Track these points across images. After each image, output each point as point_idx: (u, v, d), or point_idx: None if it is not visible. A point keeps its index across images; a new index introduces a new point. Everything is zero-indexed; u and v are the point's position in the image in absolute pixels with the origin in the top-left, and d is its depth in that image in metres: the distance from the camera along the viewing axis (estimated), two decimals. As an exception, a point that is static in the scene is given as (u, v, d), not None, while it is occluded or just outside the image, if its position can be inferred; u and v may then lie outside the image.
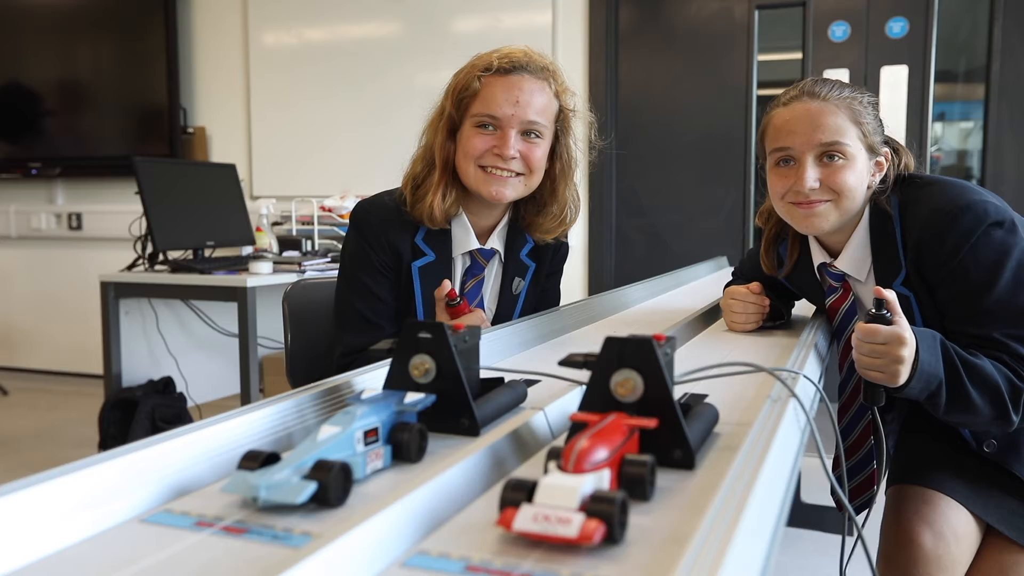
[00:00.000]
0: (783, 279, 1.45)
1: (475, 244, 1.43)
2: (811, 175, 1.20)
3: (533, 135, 1.36)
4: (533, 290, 1.53)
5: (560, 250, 1.58)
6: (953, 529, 1.20)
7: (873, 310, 1.04)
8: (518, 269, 1.49)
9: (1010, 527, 1.21)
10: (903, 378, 1.05)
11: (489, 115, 1.33)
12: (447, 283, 1.32)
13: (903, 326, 1.04)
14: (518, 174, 1.36)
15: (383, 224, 1.39)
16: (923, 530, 1.19)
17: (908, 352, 1.04)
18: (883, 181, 1.27)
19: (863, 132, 1.22)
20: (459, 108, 1.36)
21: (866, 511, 1.40)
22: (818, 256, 1.35)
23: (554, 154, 1.42)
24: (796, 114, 1.23)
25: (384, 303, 1.40)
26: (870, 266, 1.29)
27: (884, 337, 1.03)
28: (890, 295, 1.05)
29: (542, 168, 1.40)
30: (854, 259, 1.29)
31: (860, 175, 1.22)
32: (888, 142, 1.29)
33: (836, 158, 1.21)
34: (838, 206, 1.23)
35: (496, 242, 1.46)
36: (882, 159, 1.26)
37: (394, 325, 1.40)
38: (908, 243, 1.22)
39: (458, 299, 1.33)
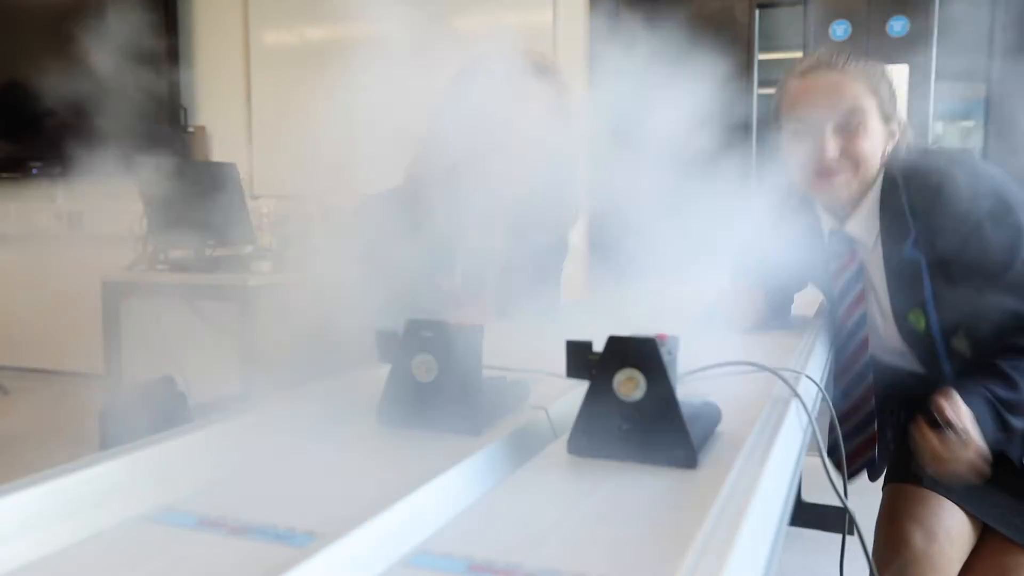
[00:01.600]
0: (788, 253, 1.45)
1: None
2: (831, 145, 1.22)
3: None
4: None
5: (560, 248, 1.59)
6: (946, 529, 1.20)
7: (936, 419, 1.09)
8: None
9: (1008, 526, 1.21)
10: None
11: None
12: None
13: (967, 431, 1.08)
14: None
15: (385, 216, 1.40)
16: (915, 530, 1.19)
17: (974, 452, 1.08)
18: (895, 150, 1.29)
19: (879, 101, 1.24)
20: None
21: (861, 475, 1.42)
22: (827, 222, 1.36)
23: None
24: (815, 84, 1.25)
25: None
26: (877, 232, 1.30)
27: (952, 449, 1.08)
28: (950, 407, 1.08)
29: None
30: (863, 225, 1.30)
31: (876, 143, 1.24)
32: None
33: (854, 127, 1.22)
34: (856, 174, 1.24)
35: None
36: (895, 128, 1.28)
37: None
38: (917, 209, 1.23)
39: None
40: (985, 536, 1.24)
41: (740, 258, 1.63)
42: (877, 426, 1.40)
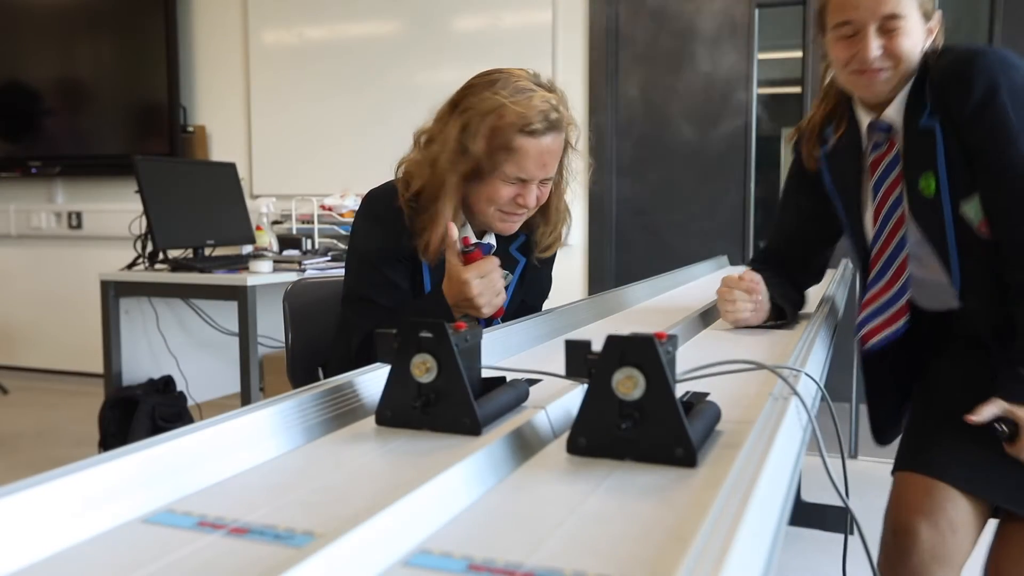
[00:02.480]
0: (824, 166, 1.47)
1: (472, 239, 1.44)
2: (874, 45, 1.27)
3: (546, 182, 1.41)
4: (521, 285, 1.55)
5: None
6: (950, 520, 1.21)
7: (1003, 428, 1.19)
8: (507, 263, 1.50)
9: (1019, 504, 1.22)
10: None
11: (519, 177, 1.36)
12: (453, 228, 1.32)
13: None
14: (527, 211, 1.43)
15: (395, 215, 1.40)
16: (919, 521, 1.21)
17: None
18: (931, 44, 1.34)
19: (920, 0, 1.29)
20: (490, 159, 1.35)
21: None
22: (865, 119, 1.40)
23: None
24: None
25: (401, 290, 1.41)
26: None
27: None
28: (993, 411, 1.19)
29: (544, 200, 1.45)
30: (898, 110, 1.35)
31: (916, 41, 1.30)
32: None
33: (896, 27, 1.27)
34: (897, 70, 1.30)
35: (490, 236, 1.50)
36: (933, 24, 1.33)
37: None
38: (935, 82, 1.30)
39: (472, 246, 1.34)
40: (1009, 521, 1.24)
41: (759, 249, 1.66)
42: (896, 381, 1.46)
